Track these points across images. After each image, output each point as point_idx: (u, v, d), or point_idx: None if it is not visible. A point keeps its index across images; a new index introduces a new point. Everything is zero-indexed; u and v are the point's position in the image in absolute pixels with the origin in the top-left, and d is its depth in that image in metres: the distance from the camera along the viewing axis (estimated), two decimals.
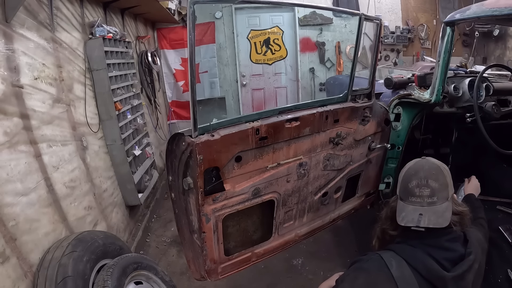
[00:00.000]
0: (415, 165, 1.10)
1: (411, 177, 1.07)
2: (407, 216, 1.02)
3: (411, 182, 1.05)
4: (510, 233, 1.76)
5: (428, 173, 1.05)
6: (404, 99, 2.01)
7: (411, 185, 1.05)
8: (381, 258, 0.99)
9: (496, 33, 4.90)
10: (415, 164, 1.10)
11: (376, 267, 0.98)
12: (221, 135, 1.23)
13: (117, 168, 2.67)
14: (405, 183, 1.07)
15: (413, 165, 1.10)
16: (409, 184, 1.05)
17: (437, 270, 0.93)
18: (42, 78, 1.86)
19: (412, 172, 1.07)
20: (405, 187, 1.07)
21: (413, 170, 1.08)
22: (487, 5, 1.56)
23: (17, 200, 1.53)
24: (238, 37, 4.86)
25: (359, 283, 0.97)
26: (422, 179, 1.05)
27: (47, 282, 1.50)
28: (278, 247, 1.66)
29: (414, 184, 1.05)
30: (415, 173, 1.07)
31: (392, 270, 0.94)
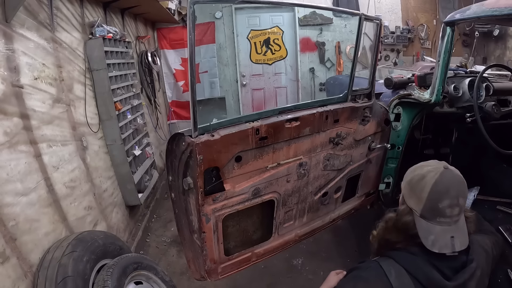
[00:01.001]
0: (442, 179, 0.92)
1: (443, 196, 0.92)
2: (439, 240, 0.91)
3: (442, 202, 0.91)
4: (510, 233, 1.76)
5: (459, 190, 0.93)
6: (404, 99, 2.01)
7: (442, 205, 0.91)
8: (380, 266, 0.95)
9: (496, 33, 4.89)
10: (443, 178, 0.93)
11: (374, 275, 0.94)
12: (221, 135, 1.23)
13: (117, 168, 2.67)
14: (435, 202, 0.92)
15: (439, 179, 0.92)
16: (440, 204, 0.91)
17: (438, 280, 0.89)
18: (42, 78, 1.86)
19: (443, 190, 0.92)
20: (433, 206, 0.92)
21: (443, 188, 0.92)
22: (487, 5, 1.56)
23: (17, 200, 1.53)
24: (238, 37, 4.86)
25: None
26: (454, 198, 0.92)
27: (47, 282, 1.50)
28: (278, 247, 1.66)
29: (446, 204, 0.91)
30: (446, 191, 0.92)
31: (391, 279, 0.91)
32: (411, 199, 0.97)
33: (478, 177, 2.32)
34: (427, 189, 0.93)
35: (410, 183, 0.98)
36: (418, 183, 0.96)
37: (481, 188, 2.17)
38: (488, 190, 2.15)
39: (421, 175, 0.96)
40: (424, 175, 0.95)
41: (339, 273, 1.25)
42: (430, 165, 0.98)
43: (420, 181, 0.95)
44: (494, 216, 1.95)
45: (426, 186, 0.93)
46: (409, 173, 1.02)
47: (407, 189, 0.99)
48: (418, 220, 0.94)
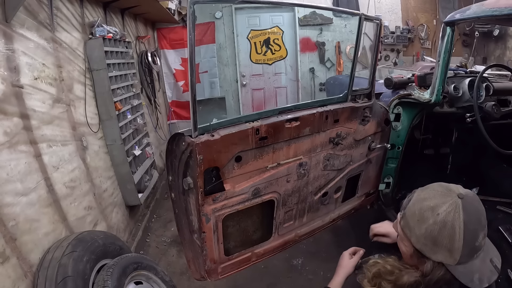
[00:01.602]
0: (469, 214, 0.77)
1: (478, 232, 0.78)
2: (484, 273, 0.81)
3: (478, 238, 0.78)
4: (510, 233, 1.76)
5: (484, 214, 0.81)
6: (404, 99, 2.01)
7: (478, 242, 0.78)
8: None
9: (496, 33, 4.90)
10: (469, 212, 0.77)
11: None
12: (221, 135, 1.23)
13: (117, 168, 2.67)
14: (471, 244, 0.77)
15: (466, 216, 0.77)
16: (476, 242, 0.78)
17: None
18: (42, 78, 1.86)
19: (476, 225, 0.78)
20: (471, 248, 0.78)
21: (475, 223, 0.78)
22: (487, 5, 1.56)
23: (17, 200, 1.53)
24: (238, 37, 4.86)
25: None
26: (484, 225, 0.80)
27: (47, 282, 1.50)
28: (278, 247, 1.66)
29: (481, 237, 0.79)
30: (478, 222, 0.79)
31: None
32: (438, 254, 0.79)
33: (478, 177, 2.32)
34: (460, 236, 0.76)
35: (429, 236, 0.79)
36: (442, 234, 0.77)
37: (481, 188, 2.17)
38: (488, 190, 2.15)
39: (441, 222, 0.77)
40: (444, 220, 0.77)
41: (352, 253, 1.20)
42: (439, 201, 0.80)
43: (443, 229, 0.77)
44: (494, 216, 1.95)
45: (455, 233, 0.76)
46: (418, 224, 0.81)
47: (427, 245, 0.80)
48: (455, 269, 0.79)
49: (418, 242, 0.81)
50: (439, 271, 0.81)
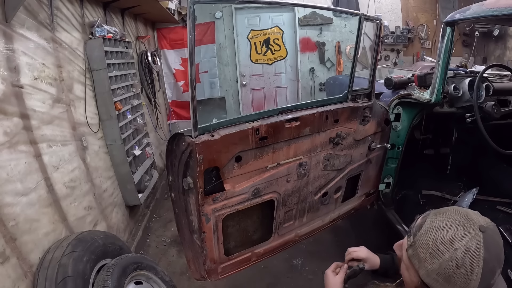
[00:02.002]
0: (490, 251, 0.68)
1: (495, 269, 0.69)
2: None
3: (494, 276, 0.70)
4: (510, 233, 1.76)
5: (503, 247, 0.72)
6: (404, 99, 2.01)
7: (493, 280, 0.70)
8: None
9: (496, 33, 4.90)
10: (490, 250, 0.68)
11: None
12: (221, 135, 1.23)
13: (117, 168, 2.67)
14: (487, 282, 0.68)
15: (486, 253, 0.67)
16: (492, 280, 0.69)
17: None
18: (42, 78, 1.86)
19: (496, 264, 0.69)
20: (486, 286, 0.69)
21: (495, 257, 0.69)
22: (487, 5, 1.56)
23: (17, 200, 1.53)
24: (238, 37, 4.86)
25: None
26: (502, 263, 0.71)
27: (47, 282, 1.50)
28: (278, 247, 1.66)
29: (497, 274, 0.70)
30: (498, 259, 0.70)
31: None
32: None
33: (478, 177, 2.32)
34: (478, 276, 0.67)
35: (443, 273, 0.69)
36: (457, 271, 0.68)
37: (481, 188, 2.17)
38: (488, 190, 2.16)
39: (458, 259, 0.67)
40: (463, 257, 0.67)
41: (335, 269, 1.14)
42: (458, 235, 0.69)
43: (459, 267, 0.67)
44: (494, 216, 1.95)
45: (473, 272, 0.67)
46: (432, 256, 0.71)
47: (438, 281, 0.70)
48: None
49: (428, 277, 0.71)
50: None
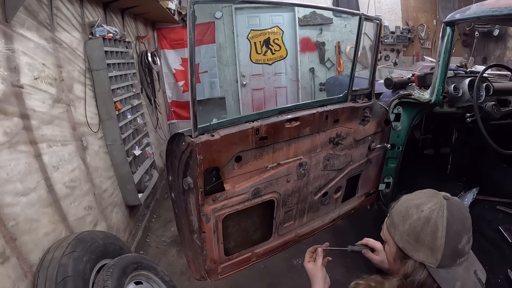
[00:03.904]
0: (453, 215, 0.78)
1: (461, 234, 0.78)
2: (466, 284, 0.78)
3: (461, 242, 0.77)
4: (510, 233, 1.76)
5: (470, 219, 0.81)
6: (404, 99, 2.01)
7: (461, 245, 0.77)
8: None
9: (496, 33, 4.90)
10: (453, 213, 0.78)
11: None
12: (221, 135, 1.22)
13: (117, 168, 2.67)
14: (453, 245, 0.77)
15: (450, 216, 0.77)
16: (459, 245, 0.77)
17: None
18: (42, 78, 1.86)
19: (460, 227, 0.78)
20: (453, 251, 0.77)
21: (459, 224, 0.78)
22: (487, 5, 1.56)
23: (17, 200, 1.53)
24: (238, 37, 4.86)
25: None
26: (469, 230, 0.80)
27: (47, 282, 1.50)
28: (278, 247, 1.66)
29: (465, 241, 0.78)
30: (463, 226, 0.79)
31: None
32: (419, 252, 0.78)
33: (478, 177, 2.32)
34: (442, 234, 0.76)
35: (412, 233, 0.79)
36: (424, 230, 0.77)
37: (481, 188, 2.17)
38: (488, 190, 2.15)
39: (424, 219, 0.78)
40: (428, 217, 0.78)
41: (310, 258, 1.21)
42: (425, 201, 0.81)
43: (426, 227, 0.77)
44: (494, 216, 1.95)
45: (438, 231, 0.76)
46: (403, 220, 0.81)
47: (410, 242, 0.80)
48: (436, 272, 0.77)
49: (401, 240, 0.81)
50: (420, 272, 0.79)
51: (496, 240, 1.77)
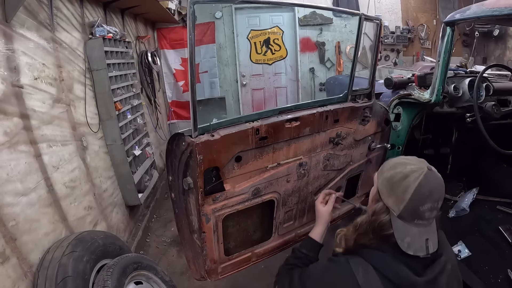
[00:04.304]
0: (427, 182, 0.89)
1: (425, 200, 0.88)
2: (414, 242, 0.90)
3: (424, 205, 0.88)
4: (510, 233, 1.76)
5: (440, 193, 0.91)
6: (404, 99, 2.01)
7: (423, 208, 0.89)
8: (348, 263, 0.94)
9: (496, 33, 4.90)
10: (427, 181, 0.89)
11: (342, 272, 0.94)
12: (221, 135, 1.22)
13: (117, 168, 2.67)
14: (416, 204, 0.88)
15: (424, 181, 0.88)
16: (421, 207, 0.89)
17: (407, 276, 0.88)
18: (42, 78, 1.86)
19: (427, 194, 0.88)
20: (414, 209, 0.89)
21: (427, 190, 0.88)
22: (487, 5, 1.56)
23: (17, 200, 1.53)
24: (238, 37, 4.86)
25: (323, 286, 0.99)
26: (435, 201, 0.89)
27: (47, 282, 1.50)
28: (278, 247, 1.66)
29: (427, 207, 0.89)
30: (429, 194, 0.89)
31: (358, 277, 0.90)
32: (389, 198, 0.93)
33: (478, 177, 2.32)
34: (410, 191, 0.88)
35: (391, 181, 0.93)
36: (400, 182, 0.91)
37: (481, 188, 2.17)
38: (488, 190, 2.15)
39: (403, 174, 0.91)
40: (407, 174, 0.90)
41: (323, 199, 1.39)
42: (412, 163, 0.93)
43: (402, 180, 0.90)
44: (494, 216, 1.95)
45: (409, 187, 0.89)
46: (389, 169, 0.96)
47: (386, 187, 0.94)
48: (395, 220, 0.91)
49: (381, 184, 0.96)
50: (384, 215, 0.93)
51: (496, 240, 1.77)
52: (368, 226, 0.96)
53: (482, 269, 1.64)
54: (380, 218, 0.94)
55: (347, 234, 1.04)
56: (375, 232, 0.95)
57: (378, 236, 0.94)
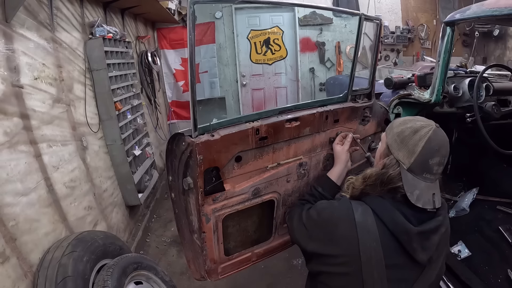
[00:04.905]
0: (436, 136, 0.93)
1: (434, 153, 0.92)
2: (422, 195, 0.93)
3: (433, 159, 0.92)
4: (510, 233, 1.76)
5: (447, 150, 0.95)
6: (404, 99, 2.01)
7: (432, 162, 0.92)
8: (349, 202, 1.01)
9: (496, 33, 4.90)
10: (437, 136, 0.94)
11: (343, 208, 1.01)
12: (221, 135, 1.22)
13: (117, 168, 2.67)
14: (426, 158, 0.92)
15: (433, 136, 0.93)
16: (430, 161, 0.92)
17: (402, 223, 0.92)
18: (42, 78, 1.86)
19: (436, 148, 0.92)
20: (424, 162, 0.92)
21: (436, 145, 0.93)
22: (487, 5, 1.55)
23: (17, 200, 1.53)
24: (238, 37, 4.86)
25: (323, 216, 1.06)
26: (443, 156, 0.94)
27: (47, 282, 1.50)
28: (278, 247, 1.65)
29: (436, 161, 0.92)
30: (438, 148, 0.93)
31: (356, 214, 0.96)
32: (400, 152, 0.96)
33: (478, 177, 2.32)
34: (421, 144, 0.92)
35: (401, 135, 0.97)
36: (410, 136, 0.94)
37: (481, 188, 2.17)
38: (488, 190, 2.15)
39: (414, 129, 0.95)
40: (417, 129, 0.94)
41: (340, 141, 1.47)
42: (422, 120, 0.98)
43: (413, 134, 0.94)
44: (494, 216, 1.95)
45: (420, 140, 0.92)
46: (399, 125, 1.00)
47: (397, 141, 0.97)
48: (405, 173, 0.94)
49: (391, 138, 0.99)
50: (394, 168, 0.96)
51: (496, 240, 1.77)
52: (377, 178, 0.99)
53: (482, 269, 1.64)
54: (389, 171, 0.96)
55: (355, 183, 1.06)
56: (383, 184, 0.97)
57: (387, 189, 0.97)
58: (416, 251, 0.92)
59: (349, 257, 0.94)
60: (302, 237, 1.14)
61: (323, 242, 1.02)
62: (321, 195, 1.32)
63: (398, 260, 0.93)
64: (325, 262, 1.02)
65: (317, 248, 1.05)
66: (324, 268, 1.03)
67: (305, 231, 1.12)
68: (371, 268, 0.91)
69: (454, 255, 1.73)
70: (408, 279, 0.95)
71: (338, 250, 0.97)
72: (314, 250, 1.07)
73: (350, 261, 0.94)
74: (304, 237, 1.12)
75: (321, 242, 1.03)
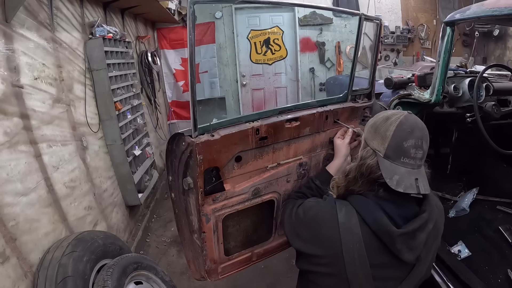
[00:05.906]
0: (407, 120, 0.94)
1: (408, 136, 0.92)
2: (403, 180, 0.91)
3: (407, 141, 0.91)
4: (510, 233, 1.76)
5: (422, 133, 0.94)
6: (404, 99, 2.01)
7: (406, 144, 0.91)
8: (335, 202, 1.01)
9: (496, 33, 4.90)
10: (408, 119, 0.94)
11: (327, 208, 1.01)
12: (221, 135, 1.22)
13: (117, 168, 2.67)
14: (399, 140, 0.92)
15: (404, 119, 0.93)
16: (405, 143, 0.91)
17: (385, 224, 0.90)
18: (42, 78, 1.86)
19: (408, 129, 0.92)
20: (398, 145, 0.92)
21: (408, 127, 0.92)
22: (487, 5, 1.55)
23: (17, 200, 1.53)
24: (238, 37, 4.86)
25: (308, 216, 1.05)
26: (418, 139, 0.92)
27: (47, 282, 1.50)
28: (278, 247, 1.65)
29: (411, 144, 0.91)
30: (411, 130, 0.92)
31: (339, 215, 0.95)
32: (374, 140, 0.97)
33: (478, 177, 2.32)
34: (392, 128, 0.93)
35: (374, 125, 0.99)
36: (382, 123, 0.96)
37: (481, 188, 2.17)
38: (488, 190, 2.15)
39: (385, 117, 0.97)
40: (388, 116, 0.97)
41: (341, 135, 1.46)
42: (394, 111, 1.02)
43: (384, 121, 0.96)
44: (494, 216, 1.95)
45: (391, 125, 0.93)
46: (372, 119, 1.03)
47: (370, 132, 0.99)
48: (382, 161, 0.94)
49: (367, 131, 1.02)
50: (371, 158, 0.96)
51: (496, 240, 1.77)
52: (357, 171, 0.99)
53: (482, 269, 1.64)
54: (367, 162, 0.97)
55: (338, 181, 1.07)
56: (363, 176, 0.97)
57: (367, 180, 0.97)
58: (401, 251, 0.90)
59: (333, 257, 0.94)
60: (290, 233, 1.15)
61: (308, 241, 1.03)
62: (318, 188, 1.32)
63: (383, 260, 0.92)
64: (311, 262, 1.02)
65: (303, 247, 1.05)
66: (311, 268, 1.03)
67: (293, 228, 1.13)
68: (355, 269, 0.91)
69: (454, 255, 1.73)
70: (396, 277, 0.95)
71: (322, 251, 0.98)
72: (300, 249, 1.08)
73: (333, 261, 0.94)
74: (292, 234, 1.13)
75: (306, 241, 1.04)
